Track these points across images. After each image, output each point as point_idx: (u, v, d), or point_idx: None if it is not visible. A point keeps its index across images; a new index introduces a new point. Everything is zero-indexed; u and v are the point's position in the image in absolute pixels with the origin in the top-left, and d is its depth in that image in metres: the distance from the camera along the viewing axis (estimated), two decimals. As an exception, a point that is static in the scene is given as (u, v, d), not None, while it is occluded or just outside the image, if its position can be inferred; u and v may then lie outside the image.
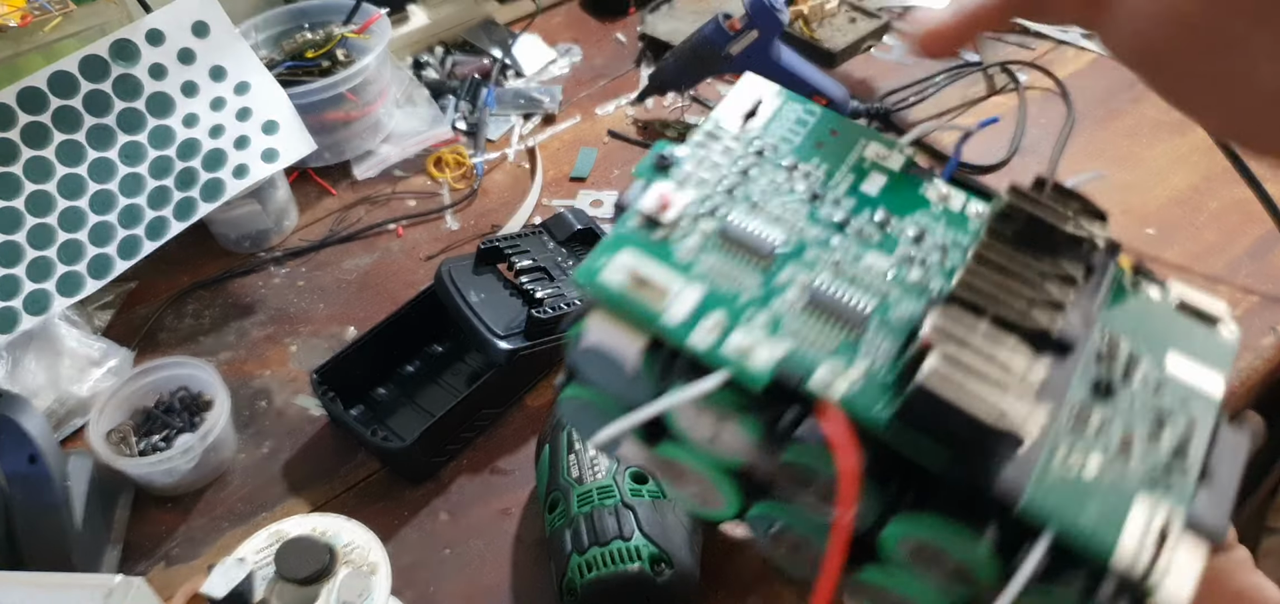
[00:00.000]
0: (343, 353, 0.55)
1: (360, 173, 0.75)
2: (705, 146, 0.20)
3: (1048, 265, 0.16)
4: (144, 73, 0.63)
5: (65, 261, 0.59)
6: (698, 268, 0.17)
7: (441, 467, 0.54)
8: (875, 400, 0.16)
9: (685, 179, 0.19)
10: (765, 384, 0.16)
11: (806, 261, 0.18)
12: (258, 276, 0.67)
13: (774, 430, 0.16)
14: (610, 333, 0.17)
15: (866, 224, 0.19)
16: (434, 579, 0.49)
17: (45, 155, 0.60)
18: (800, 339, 0.17)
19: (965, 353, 0.15)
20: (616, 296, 0.17)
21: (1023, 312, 0.16)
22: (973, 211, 0.20)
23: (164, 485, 0.53)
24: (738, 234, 0.18)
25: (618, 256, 0.18)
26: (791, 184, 0.19)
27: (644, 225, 0.18)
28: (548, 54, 0.87)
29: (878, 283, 0.18)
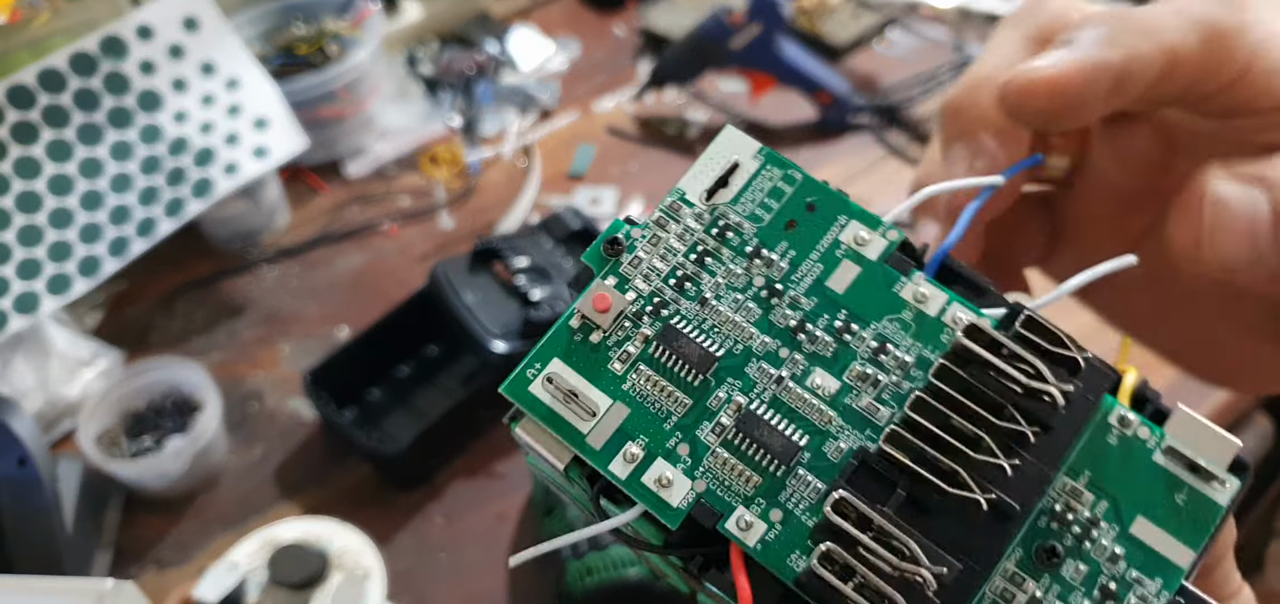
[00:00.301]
0: (335, 354, 0.55)
1: (353, 170, 0.74)
2: (664, 226, 0.19)
3: (996, 420, 0.15)
4: (133, 69, 0.62)
5: (54, 261, 0.59)
6: (628, 381, 0.17)
7: (436, 470, 0.53)
8: (790, 550, 0.15)
9: (635, 266, 0.18)
10: (679, 523, 0.15)
11: (747, 377, 0.17)
12: (249, 276, 0.66)
13: (688, 569, 0.16)
14: (538, 442, 0.17)
15: (823, 331, 0.17)
16: (429, 585, 0.48)
17: (34, 153, 0.59)
18: (723, 473, 0.16)
19: (863, 539, 0.14)
20: (543, 411, 0.17)
21: (954, 480, 0.15)
22: (950, 318, 0.17)
23: (155, 489, 0.53)
24: (676, 343, 0.17)
25: (549, 366, 0.17)
26: (749, 276, 0.18)
27: (582, 325, 0.17)
28: (545, 48, 0.86)
29: (820, 408, 0.16)
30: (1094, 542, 0.16)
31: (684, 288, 0.18)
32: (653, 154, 0.74)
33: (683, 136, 0.76)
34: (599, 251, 0.18)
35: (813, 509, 0.15)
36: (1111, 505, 0.16)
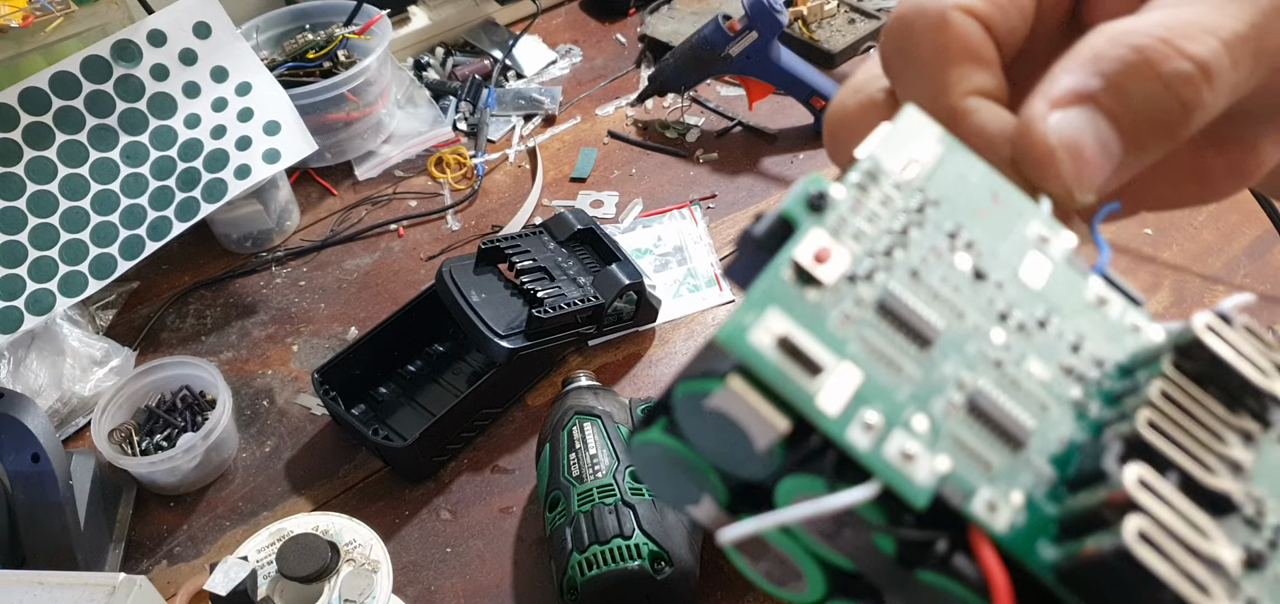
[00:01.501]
0: (344, 352, 0.56)
1: (361, 173, 0.75)
2: (863, 189, 0.17)
3: (1227, 416, 0.15)
4: (146, 74, 0.63)
5: (67, 262, 0.60)
6: (852, 346, 0.15)
7: (442, 466, 0.54)
8: (1036, 538, 0.14)
9: (840, 226, 0.16)
10: (927, 502, 0.14)
11: (968, 355, 0.15)
12: (259, 276, 0.67)
13: (916, 553, 0.15)
14: (748, 407, 0.14)
15: (1028, 319, 0.16)
16: (435, 577, 0.49)
17: (47, 156, 0.60)
18: (959, 451, 0.14)
19: (1163, 516, 0.13)
20: (770, 370, 0.14)
21: (1209, 469, 0.14)
22: (1129, 322, 0.17)
23: (166, 484, 0.53)
24: (899, 311, 0.15)
25: (767, 317, 0.15)
26: (953, 256, 0.16)
27: (796, 279, 0.15)
28: (548, 55, 0.87)
29: (1038, 395, 0.16)
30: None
31: (892, 256, 0.16)
32: (653, 158, 0.75)
33: (682, 140, 0.77)
34: (803, 202, 0.16)
35: (1051, 495, 0.14)
36: None
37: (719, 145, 0.76)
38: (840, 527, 0.15)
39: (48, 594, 0.39)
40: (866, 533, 0.14)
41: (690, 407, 0.15)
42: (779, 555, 0.16)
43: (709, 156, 0.75)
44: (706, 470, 0.16)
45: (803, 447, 0.14)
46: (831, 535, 0.15)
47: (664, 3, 0.91)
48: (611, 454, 0.47)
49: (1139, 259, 0.63)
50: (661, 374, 0.58)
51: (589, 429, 0.48)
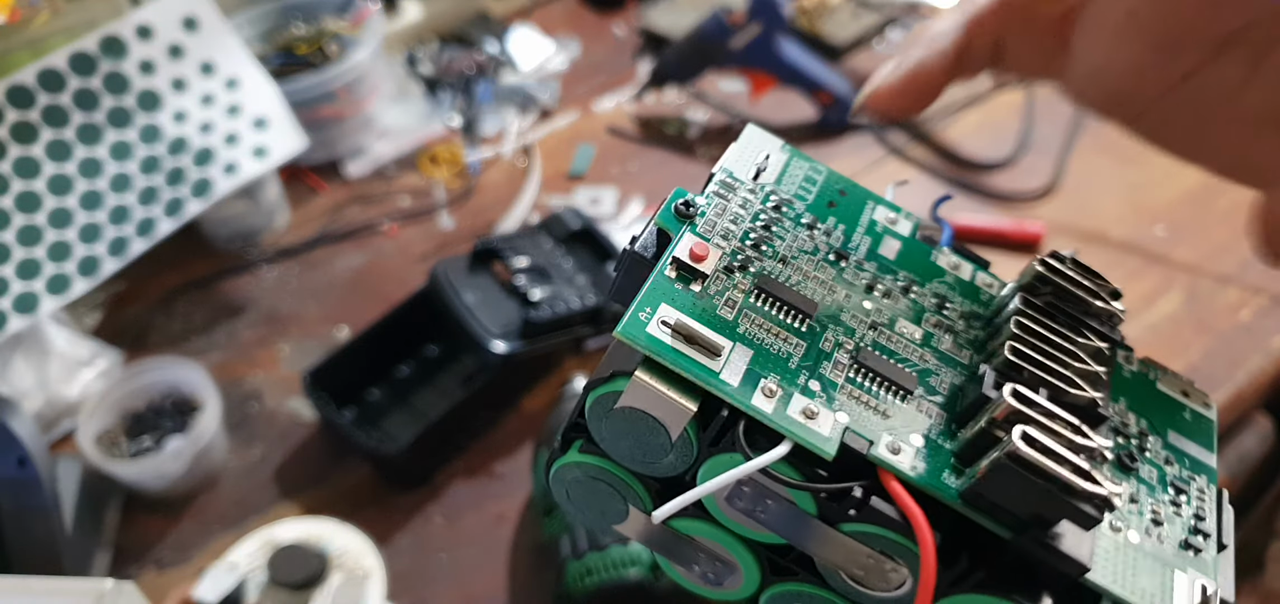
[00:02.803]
0: (335, 354, 0.55)
1: (353, 170, 0.74)
2: (723, 196, 0.19)
3: (1080, 338, 0.17)
4: (133, 68, 0.62)
5: (54, 261, 0.59)
6: (741, 326, 0.16)
7: (436, 471, 0.53)
8: (940, 471, 0.15)
9: (710, 228, 0.18)
10: (835, 453, 0.15)
11: (845, 324, 0.17)
12: (249, 276, 0.66)
13: (836, 506, 0.15)
14: (656, 396, 0.15)
15: (893, 287, 0.18)
16: (428, 585, 0.48)
17: (33, 153, 0.59)
18: (855, 406, 0.16)
19: (1042, 421, 0.15)
20: (669, 354, 0.15)
21: (1072, 384, 0.16)
22: (982, 282, 0.19)
23: (154, 489, 0.52)
24: (777, 290, 0.17)
25: (660, 311, 0.16)
26: (815, 242, 0.19)
27: (679, 277, 0.17)
28: (545, 48, 0.86)
29: (915, 349, 0.17)
30: (1151, 450, 0.18)
31: (761, 248, 0.18)
32: (653, 154, 0.74)
33: (683, 136, 0.76)
34: (671, 213, 0.18)
35: (944, 433, 0.16)
36: (1149, 422, 0.18)
37: (721, 140, 0.75)
38: (763, 499, 0.16)
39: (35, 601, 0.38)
40: (787, 500, 0.15)
41: (602, 412, 0.16)
42: (712, 551, 0.17)
43: (710, 152, 0.74)
44: (628, 479, 0.17)
45: (713, 424, 0.16)
46: (757, 512, 0.16)
47: (662, -5, 0.90)
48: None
49: (1150, 258, 0.62)
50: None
51: (585, 433, 0.47)
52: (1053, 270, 0.17)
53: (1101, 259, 0.62)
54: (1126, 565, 0.15)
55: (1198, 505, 0.17)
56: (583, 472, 0.17)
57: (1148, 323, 0.57)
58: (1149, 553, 0.16)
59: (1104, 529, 0.16)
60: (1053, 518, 0.14)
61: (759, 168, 0.20)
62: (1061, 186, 0.68)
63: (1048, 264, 0.17)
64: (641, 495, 0.17)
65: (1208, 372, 0.54)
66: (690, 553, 0.17)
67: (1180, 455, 0.18)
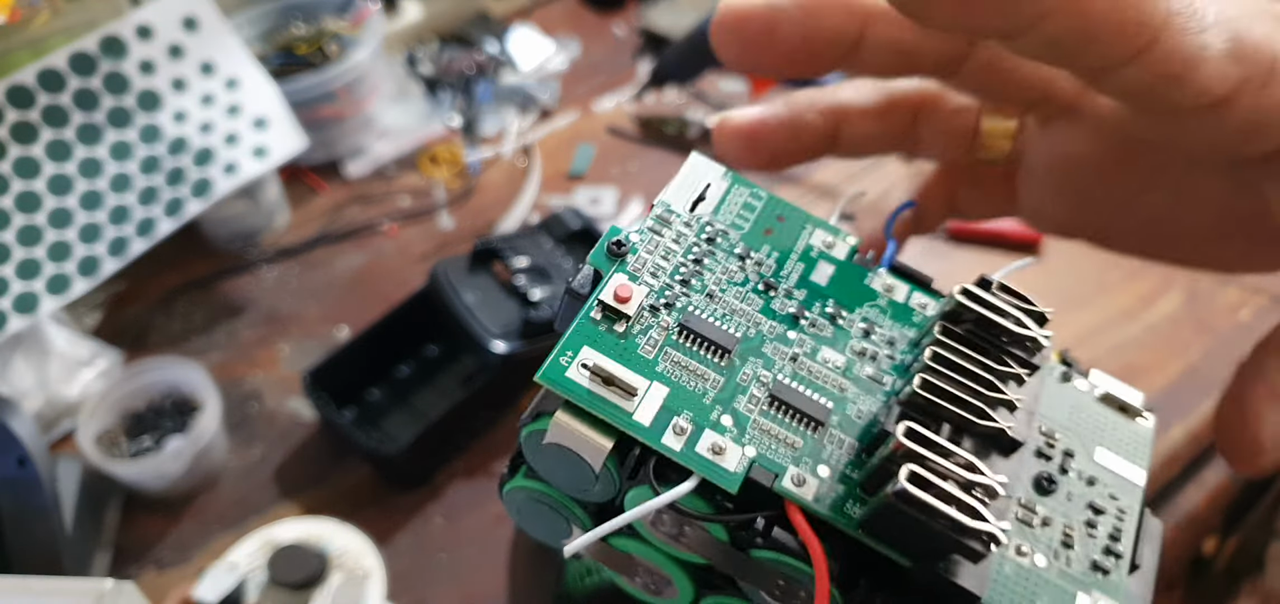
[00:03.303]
0: (335, 354, 0.55)
1: (353, 170, 0.74)
2: (657, 232, 0.19)
3: (996, 364, 0.17)
4: (133, 68, 0.62)
5: (54, 261, 0.59)
6: (660, 365, 0.17)
7: (436, 471, 0.53)
8: (843, 501, 0.16)
9: (640, 266, 0.19)
10: (738, 487, 0.16)
11: (766, 356, 0.18)
12: (248, 276, 0.66)
13: (744, 534, 0.16)
14: (576, 435, 0.16)
15: (819, 316, 0.19)
16: (428, 585, 0.48)
17: (33, 153, 0.59)
18: (766, 439, 0.17)
19: (934, 459, 0.15)
20: (584, 396, 0.17)
21: (979, 413, 0.16)
22: (916, 302, 0.20)
23: (154, 489, 0.53)
24: (698, 328, 0.18)
25: (581, 354, 0.17)
26: (745, 273, 0.19)
27: (604, 318, 0.18)
28: (545, 48, 0.86)
29: (835, 378, 0.18)
30: (1075, 469, 0.18)
31: (689, 284, 0.19)
32: (653, 154, 0.74)
33: (683, 136, 0.76)
34: (604, 252, 0.19)
35: (854, 463, 0.17)
36: (1079, 440, 0.19)
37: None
38: (681, 526, 0.17)
39: (35, 601, 0.38)
40: (702, 527, 0.16)
41: (534, 446, 0.17)
42: (646, 567, 0.18)
43: (710, 152, 0.74)
44: (565, 502, 0.18)
45: (628, 460, 0.17)
46: (678, 536, 0.17)
47: (662, -5, 0.90)
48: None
49: (1147, 257, 0.62)
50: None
51: (585, 433, 0.47)
52: (974, 298, 0.18)
53: (1101, 260, 0.62)
54: (1027, 590, 0.16)
55: (1115, 525, 0.18)
56: (527, 495, 0.19)
57: (1147, 323, 0.57)
58: (1053, 576, 0.16)
59: (1010, 554, 0.16)
60: (943, 551, 0.15)
61: (698, 197, 0.20)
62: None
63: (969, 292, 0.18)
64: (580, 517, 0.18)
65: (1207, 372, 0.54)
66: (631, 567, 0.19)
67: (1105, 473, 0.18)
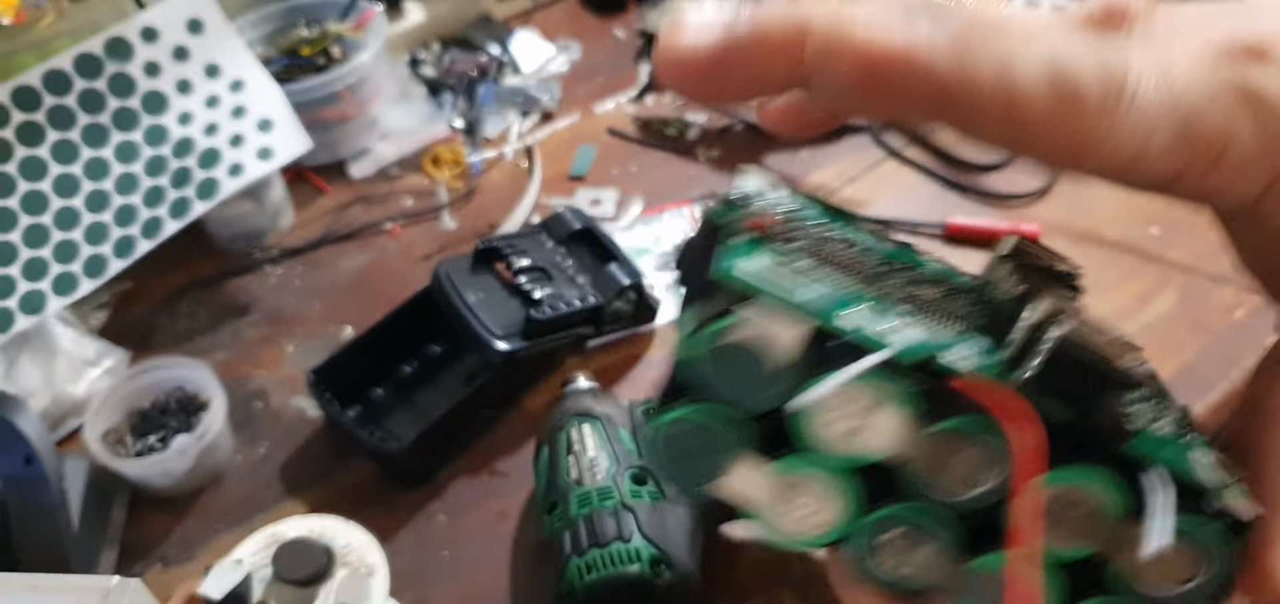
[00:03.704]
0: (339, 353, 0.55)
1: (356, 171, 0.74)
2: (754, 199, 0.20)
3: (1052, 291, 0.18)
4: (138, 70, 0.62)
5: (60, 261, 0.59)
6: (813, 275, 0.18)
7: (439, 468, 0.53)
8: (996, 373, 0.17)
9: (758, 212, 0.19)
10: (920, 358, 0.17)
11: (883, 288, 0.19)
12: (253, 276, 0.67)
13: (934, 400, 0.17)
14: (767, 325, 0.16)
15: (902, 267, 0.20)
16: (431, 582, 0.48)
17: (39, 154, 0.60)
18: (925, 330, 0.18)
19: (1081, 319, 0.17)
20: (769, 286, 0.17)
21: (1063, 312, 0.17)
22: (966, 266, 0.21)
23: (160, 487, 0.53)
24: (830, 255, 0.18)
25: (746, 261, 0.17)
26: (830, 234, 0.20)
27: (751, 239, 0.18)
28: (546, 50, 0.86)
29: (940, 305, 0.19)
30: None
31: (799, 231, 0.20)
32: (653, 155, 0.75)
33: (683, 138, 0.76)
34: (726, 203, 0.20)
35: (990, 351, 0.18)
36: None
37: (721, 143, 0.75)
38: (864, 416, 0.17)
39: (41, 598, 0.39)
40: (890, 403, 0.17)
41: (705, 356, 0.17)
42: (806, 492, 0.18)
43: (710, 154, 0.74)
44: (726, 426, 0.18)
45: (811, 349, 0.17)
46: (856, 432, 0.17)
47: (663, -2, 0.90)
48: (611, 457, 0.46)
49: (1145, 258, 0.62)
50: (662, 375, 0.58)
51: (588, 431, 0.47)
52: (1024, 242, 0.20)
53: (1097, 259, 0.63)
54: (1156, 441, 0.17)
55: (1181, 415, 0.19)
56: (680, 428, 0.18)
57: (1143, 322, 0.58)
58: (1165, 435, 0.18)
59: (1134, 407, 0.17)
60: (1099, 393, 0.16)
61: (763, 191, 0.21)
62: (1057, 187, 0.68)
63: (1020, 239, 0.20)
64: (738, 444, 0.18)
65: (1202, 371, 0.54)
66: (788, 497, 0.18)
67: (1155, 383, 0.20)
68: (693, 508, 0.45)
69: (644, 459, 0.20)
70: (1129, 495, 0.17)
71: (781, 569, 0.47)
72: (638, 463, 0.46)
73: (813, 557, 0.48)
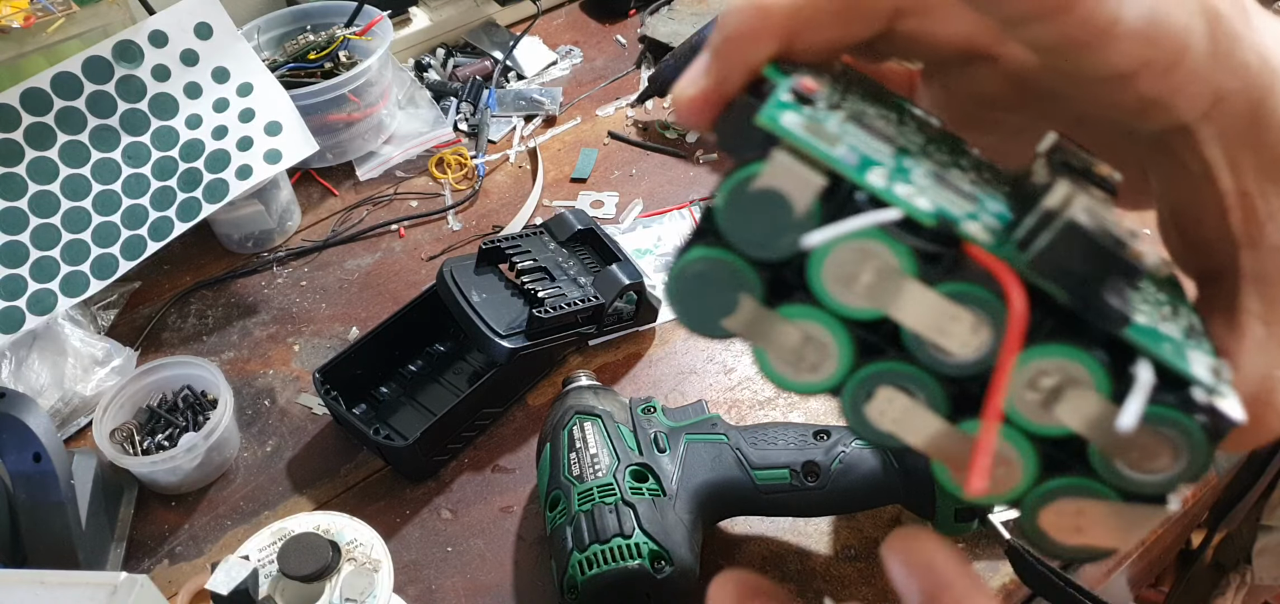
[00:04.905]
0: (345, 352, 0.56)
1: (362, 174, 0.75)
2: (805, 69, 0.21)
3: (1084, 187, 0.19)
4: (147, 74, 0.63)
5: (69, 262, 0.60)
6: (850, 136, 0.19)
7: (443, 465, 0.54)
8: (1008, 251, 0.18)
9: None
10: (934, 221, 0.18)
11: (915, 161, 0.20)
12: (261, 276, 0.68)
13: (938, 263, 0.18)
14: (794, 171, 0.18)
15: (942, 149, 0.21)
16: (436, 576, 0.49)
17: (49, 156, 0.60)
18: (943, 199, 0.19)
19: (1101, 212, 0.17)
20: (800, 138, 0.18)
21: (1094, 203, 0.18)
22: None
23: (168, 484, 0.54)
24: (868, 122, 0.19)
25: (785, 114, 0.18)
26: (875, 109, 0.21)
27: (794, 99, 0.19)
28: (548, 56, 0.87)
29: (968, 185, 0.20)
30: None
31: (843, 100, 0.20)
32: (653, 158, 0.75)
33: (683, 141, 0.77)
34: (777, 66, 0.20)
35: (1006, 227, 0.18)
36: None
37: (719, 146, 0.76)
38: (869, 273, 0.18)
39: (49, 594, 0.39)
40: (897, 262, 0.18)
41: (735, 197, 0.18)
42: (803, 338, 0.19)
43: (709, 157, 0.75)
44: (744, 268, 0.19)
45: (835, 197, 0.18)
46: (859, 285, 0.18)
47: (664, 4, 0.91)
48: (612, 453, 0.47)
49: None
50: (662, 374, 0.58)
51: (589, 428, 0.48)
52: (1065, 140, 0.20)
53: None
54: (1153, 333, 0.18)
55: (1191, 322, 0.19)
56: (703, 266, 0.19)
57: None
58: (1165, 329, 0.18)
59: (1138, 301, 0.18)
60: (1101, 279, 0.17)
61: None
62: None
63: (1059, 137, 0.20)
64: (755, 284, 0.19)
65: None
66: (787, 338, 0.19)
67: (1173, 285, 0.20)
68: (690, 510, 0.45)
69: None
70: (1116, 381, 0.17)
71: (779, 564, 0.48)
72: (638, 460, 0.46)
73: (813, 555, 0.48)
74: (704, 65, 0.20)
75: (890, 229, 0.17)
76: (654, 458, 0.46)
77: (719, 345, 0.60)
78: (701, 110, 0.20)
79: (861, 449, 0.46)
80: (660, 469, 0.46)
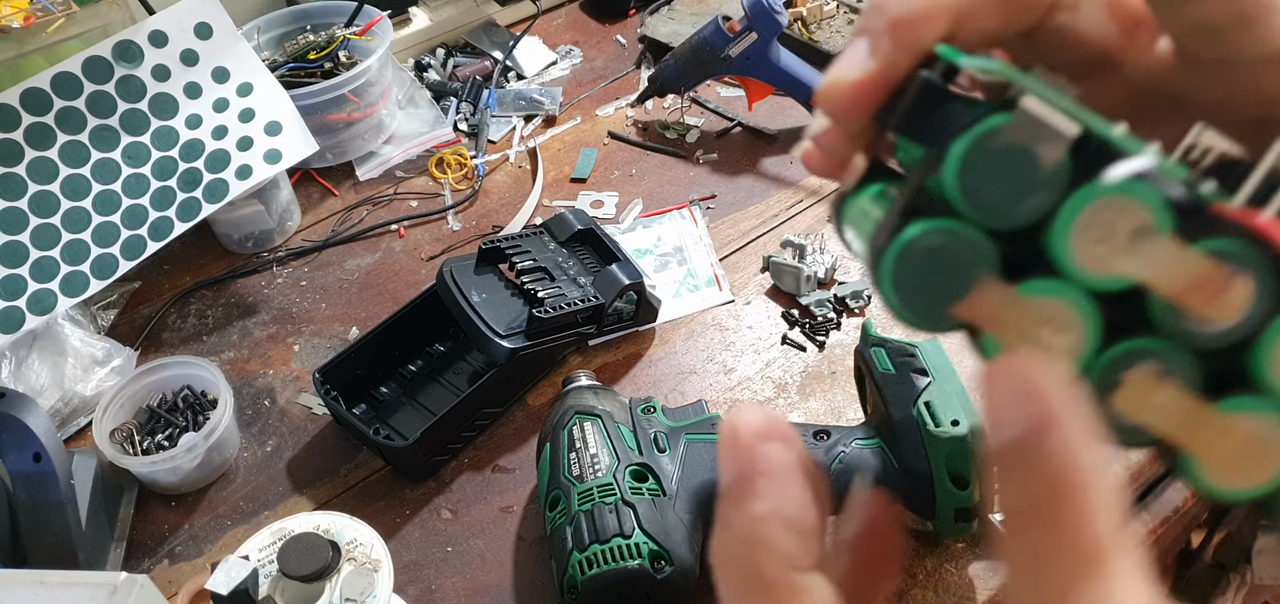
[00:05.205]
0: (345, 352, 0.56)
1: (362, 174, 0.75)
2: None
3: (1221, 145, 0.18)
4: (147, 74, 0.63)
5: (69, 262, 0.60)
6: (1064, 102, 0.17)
7: (443, 465, 0.54)
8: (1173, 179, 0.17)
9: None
10: (1185, 176, 0.16)
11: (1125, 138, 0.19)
12: (261, 276, 0.68)
13: (1198, 219, 0.16)
14: (1046, 122, 0.16)
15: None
16: (436, 576, 0.49)
17: (49, 156, 0.60)
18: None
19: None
20: (1039, 86, 0.16)
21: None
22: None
23: (168, 483, 0.54)
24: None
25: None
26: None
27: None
28: (548, 56, 0.87)
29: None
30: None
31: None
32: (653, 158, 0.75)
33: (682, 141, 0.77)
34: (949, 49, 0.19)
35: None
36: None
37: (719, 146, 0.76)
38: (1123, 233, 0.16)
39: (49, 594, 0.39)
40: (1153, 218, 0.16)
41: (973, 157, 0.16)
42: (1050, 314, 0.17)
43: (709, 157, 0.75)
44: (978, 240, 0.17)
45: (1084, 152, 0.16)
46: (1113, 251, 0.16)
47: (664, 4, 0.91)
48: (612, 453, 0.47)
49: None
50: (662, 374, 0.58)
51: (589, 429, 0.48)
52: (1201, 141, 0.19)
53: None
54: None
55: None
56: (936, 238, 0.17)
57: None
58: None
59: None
60: None
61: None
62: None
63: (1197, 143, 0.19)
64: (989, 257, 0.17)
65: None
66: (1016, 324, 0.17)
67: None
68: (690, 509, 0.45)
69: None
70: None
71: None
72: (638, 460, 0.46)
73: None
74: (866, 49, 0.18)
75: (1154, 179, 0.16)
76: (654, 458, 0.46)
77: (718, 346, 0.60)
78: (867, 95, 0.18)
79: (862, 449, 0.46)
80: (660, 469, 0.46)
